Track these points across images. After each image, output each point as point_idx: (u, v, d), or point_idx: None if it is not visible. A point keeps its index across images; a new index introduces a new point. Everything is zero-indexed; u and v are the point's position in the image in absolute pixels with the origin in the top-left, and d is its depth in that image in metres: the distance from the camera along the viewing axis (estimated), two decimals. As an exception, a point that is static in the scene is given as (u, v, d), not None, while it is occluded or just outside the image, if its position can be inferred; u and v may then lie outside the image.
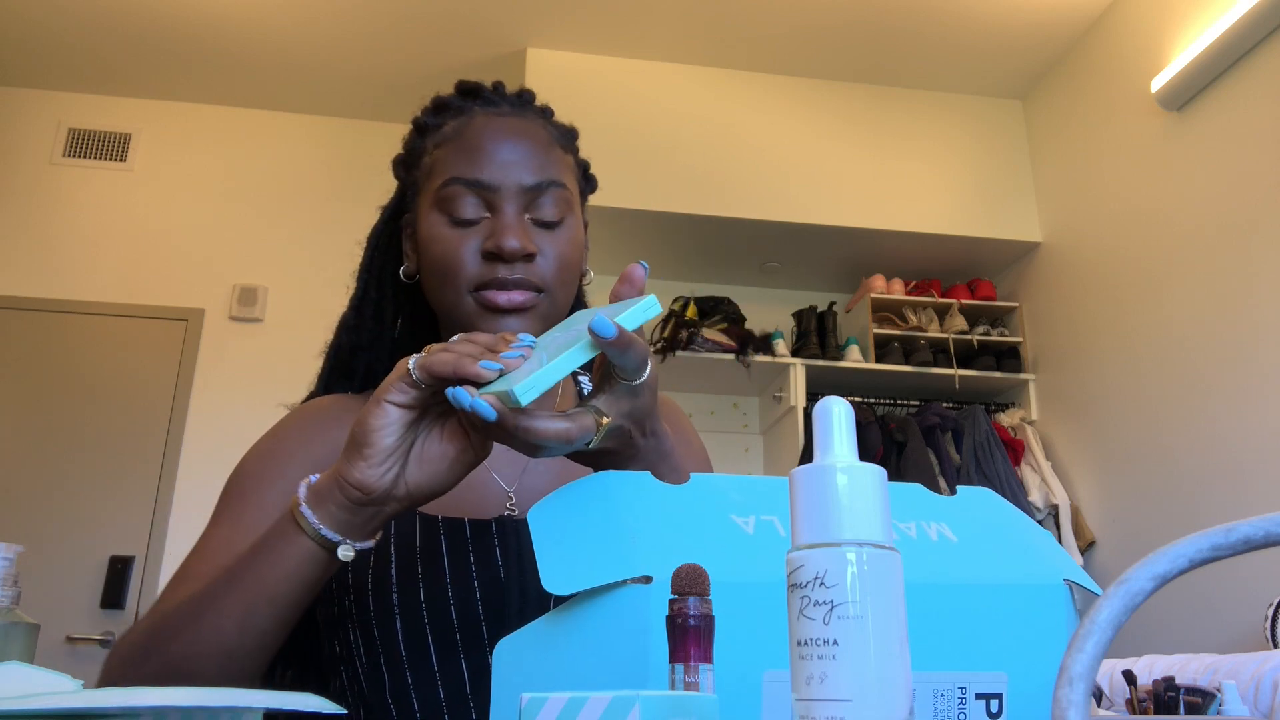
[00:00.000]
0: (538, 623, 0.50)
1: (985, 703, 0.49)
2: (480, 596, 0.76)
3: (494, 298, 0.79)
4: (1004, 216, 3.69)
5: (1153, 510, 2.99)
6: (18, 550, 0.68)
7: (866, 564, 0.36)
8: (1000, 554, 0.54)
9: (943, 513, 0.57)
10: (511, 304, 0.79)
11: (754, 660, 0.46)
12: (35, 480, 3.38)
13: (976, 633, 0.50)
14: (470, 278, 0.80)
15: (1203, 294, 2.85)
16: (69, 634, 3.22)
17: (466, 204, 0.81)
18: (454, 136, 0.84)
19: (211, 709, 0.35)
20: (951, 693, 0.49)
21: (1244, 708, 1.64)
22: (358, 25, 3.46)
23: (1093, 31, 3.45)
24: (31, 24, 3.46)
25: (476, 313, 0.80)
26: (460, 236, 0.81)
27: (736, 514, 0.53)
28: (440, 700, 0.75)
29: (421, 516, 0.79)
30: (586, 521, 0.52)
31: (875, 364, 3.56)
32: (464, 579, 0.77)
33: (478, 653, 0.75)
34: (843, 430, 0.39)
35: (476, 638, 0.76)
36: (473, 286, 0.80)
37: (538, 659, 0.50)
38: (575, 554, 0.50)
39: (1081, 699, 0.30)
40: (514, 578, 0.77)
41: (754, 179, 3.53)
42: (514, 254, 0.79)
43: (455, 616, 0.75)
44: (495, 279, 0.79)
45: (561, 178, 0.84)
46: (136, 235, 3.72)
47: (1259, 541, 0.31)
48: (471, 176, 0.81)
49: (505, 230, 0.79)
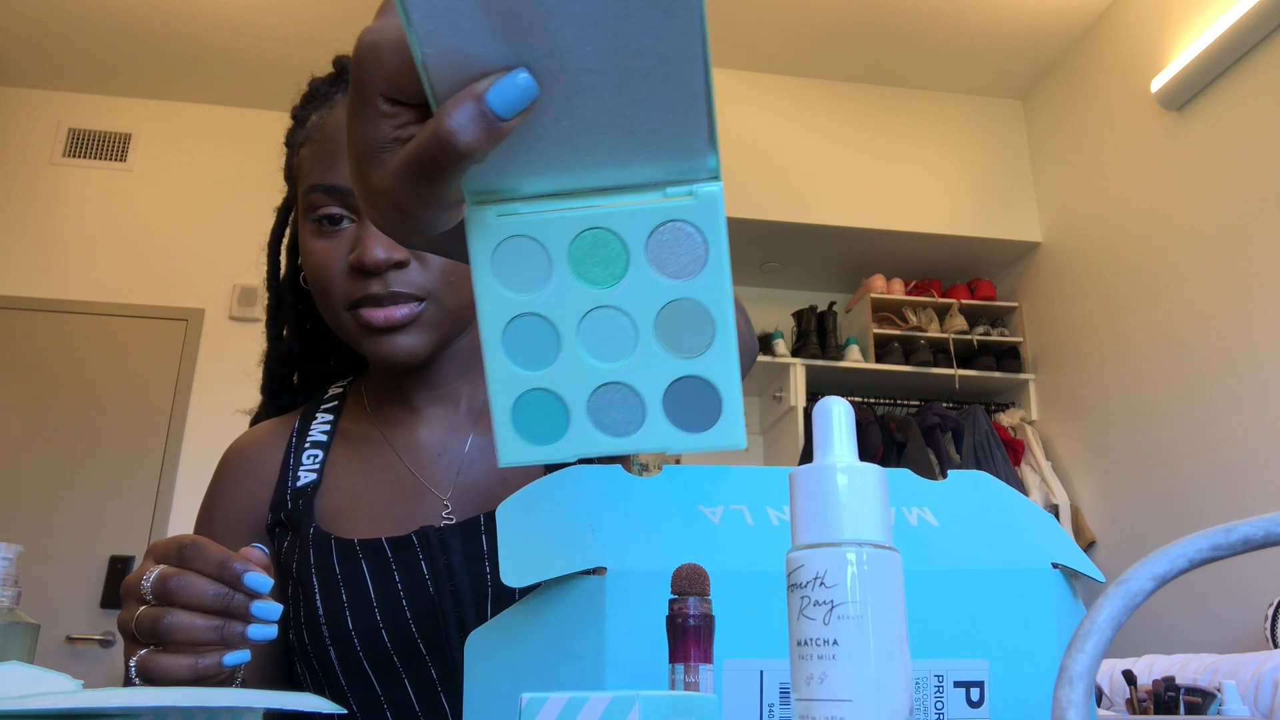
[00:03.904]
0: (503, 615, 0.50)
1: (965, 690, 0.48)
2: (411, 615, 0.73)
3: (371, 316, 0.73)
4: (1004, 216, 3.70)
5: (1153, 510, 2.99)
6: (18, 550, 0.68)
7: (866, 564, 0.36)
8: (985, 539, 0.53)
9: (927, 498, 0.56)
10: (391, 321, 0.73)
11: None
12: (35, 480, 3.38)
13: (955, 620, 0.49)
14: (343, 294, 0.74)
15: (1203, 294, 2.85)
16: (69, 634, 3.22)
17: (329, 211, 0.75)
18: (315, 134, 0.78)
19: (211, 709, 0.35)
20: (927, 681, 0.48)
21: (1244, 708, 1.64)
22: (357, 25, 3.43)
23: (1093, 31, 3.45)
24: (31, 24, 3.46)
25: (357, 332, 0.75)
26: (329, 249, 0.75)
27: (704, 504, 0.52)
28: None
29: (338, 541, 0.75)
30: (551, 515, 0.52)
31: (875, 364, 3.56)
32: (391, 599, 0.73)
33: (420, 669, 0.73)
34: (843, 430, 0.39)
35: (415, 655, 0.73)
36: (348, 304, 0.74)
37: (504, 652, 0.50)
38: (535, 547, 0.50)
39: (1081, 699, 0.30)
40: (444, 588, 0.73)
41: (754, 179, 3.53)
42: (379, 266, 0.72)
43: (389, 640, 0.72)
44: (368, 295, 0.73)
45: None
46: (136, 235, 3.72)
47: (1259, 541, 0.31)
48: (329, 182, 0.74)
49: (366, 239, 0.72)
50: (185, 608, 0.53)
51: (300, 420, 0.84)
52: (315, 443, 0.82)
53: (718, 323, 0.39)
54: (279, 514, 0.79)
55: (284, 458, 0.81)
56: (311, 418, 0.84)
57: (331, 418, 0.84)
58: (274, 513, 0.80)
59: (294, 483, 0.80)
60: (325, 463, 0.81)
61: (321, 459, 0.81)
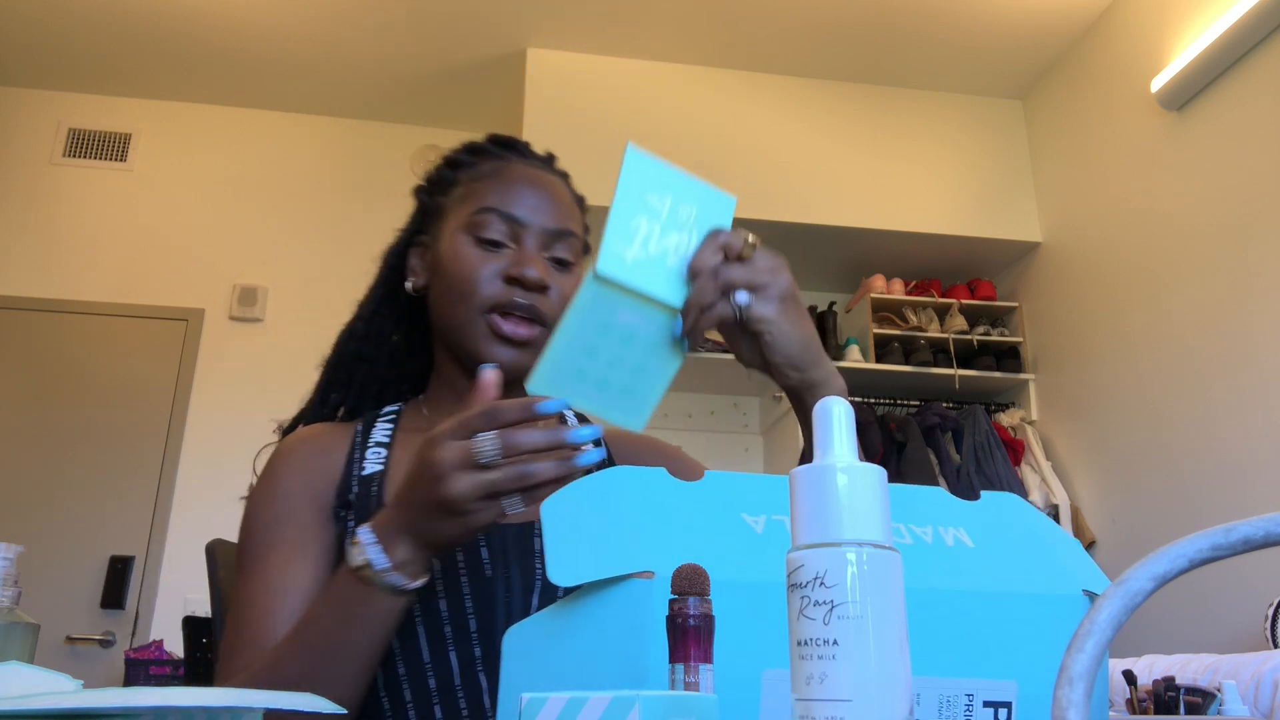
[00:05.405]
0: (545, 613, 0.51)
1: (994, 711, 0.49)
2: (468, 591, 0.80)
3: (501, 326, 0.86)
4: (1004, 216, 3.69)
5: (1153, 510, 2.99)
6: (18, 550, 0.68)
7: (866, 564, 0.36)
8: (1018, 562, 0.54)
9: (962, 518, 0.57)
10: (516, 337, 0.86)
11: (755, 660, 0.46)
12: (35, 480, 3.38)
13: (988, 640, 0.50)
14: (486, 297, 0.87)
15: (1203, 294, 2.85)
16: (69, 634, 3.22)
17: (495, 231, 0.89)
18: (491, 174, 0.93)
19: (211, 709, 0.35)
20: (958, 699, 0.49)
21: (1244, 708, 1.64)
22: (357, 25, 3.46)
23: (1093, 31, 3.45)
24: (31, 24, 3.46)
25: (483, 335, 0.87)
26: (483, 258, 0.88)
27: (748, 513, 0.53)
28: (431, 690, 0.78)
29: None
30: (597, 516, 0.53)
31: (875, 364, 3.55)
32: (452, 576, 0.81)
33: (465, 645, 0.79)
34: (843, 430, 0.39)
35: (465, 631, 0.79)
36: (487, 307, 0.86)
37: (544, 649, 0.50)
38: (582, 547, 0.50)
39: (1081, 699, 0.30)
40: (499, 572, 0.82)
41: (754, 179, 3.53)
42: (535, 283, 0.86)
43: (445, 611, 0.79)
44: (510, 302, 0.86)
45: (577, 230, 0.94)
46: (136, 235, 3.72)
47: (1259, 541, 0.31)
48: (506, 209, 0.89)
49: (530, 260, 0.87)
50: (532, 453, 0.65)
51: (362, 425, 0.93)
52: (378, 442, 0.91)
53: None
54: (346, 497, 0.86)
55: (349, 451, 0.90)
56: (372, 425, 0.93)
57: (391, 426, 0.93)
58: (339, 497, 0.86)
59: (360, 471, 0.87)
60: (389, 459, 0.88)
61: (386, 455, 0.89)
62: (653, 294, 0.69)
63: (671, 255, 0.70)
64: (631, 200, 0.69)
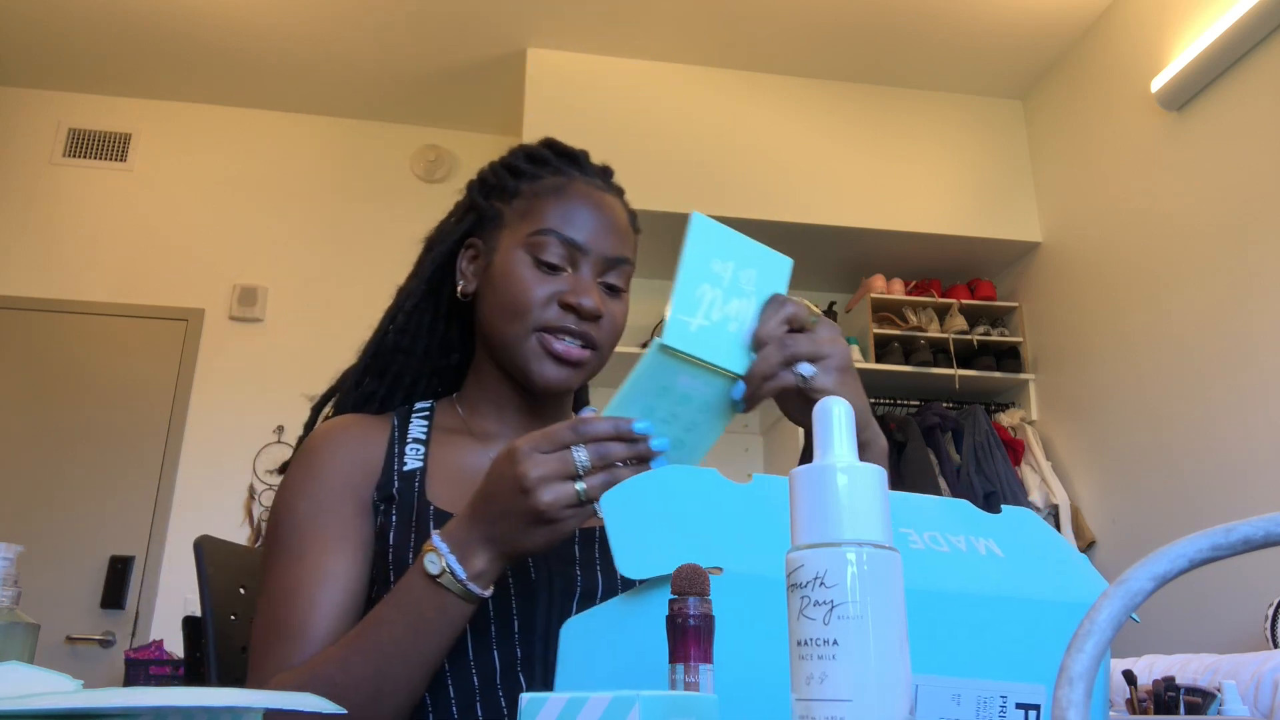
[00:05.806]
0: (607, 605, 0.52)
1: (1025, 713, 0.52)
2: (514, 591, 0.82)
3: (553, 344, 0.87)
4: (1004, 216, 3.69)
5: (1153, 510, 2.99)
6: (18, 550, 0.68)
7: (866, 564, 0.36)
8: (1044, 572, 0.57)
9: (990, 529, 0.60)
10: (569, 356, 0.88)
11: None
12: (35, 480, 3.38)
13: (1020, 645, 0.53)
14: (539, 318, 0.88)
15: (1203, 294, 2.85)
16: (69, 634, 3.22)
17: (554, 254, 0.89)
18: (555, 192, 0.92)
19: (211, 709, 0.35)
20: (994, 700, 0.51)
21: (1244, 708, 1.64)
22: (357, 25, 3.46)
23: (1093, 31, 3.45)
24: (31, 24, 3.46)
25: (534, 352, 0.88)
26: (541, 280, 0.89)
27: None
28: (475, 688, 0.80)
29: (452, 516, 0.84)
30: (658, 511, 0.55)
31: (875, 364, 3.55)
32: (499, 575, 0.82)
33: (508, 645, 0.81)
34: (842, 430, 0.39)
35: (508, 631, 0.81)
36: (539, 326, 0.88)
37: (605, 642, 0.51)
38: (649, 541, 0.52)
39: (1081, 699, 0.30)
40: (543, 574, 0.83)
41: (754, 179, 3.53)
42: (591, 313, 0.88)
43: (491, 609, 0.81)
44: (564, 327, 0.88)
45: (631, 257, 0.95)
46: (136, 235, 3.72)
47: (1259, 541, 0.31)
48: (567, 234, 0.89)
49: (587, 289, 0.88)
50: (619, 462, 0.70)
51: (398, 419, 0.94)
52: (416, 439, 0.92)
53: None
54: (388, 491, 0.87)
55: (388, 446, 0.91)
56: (407, 420, 0.94)
57: (426, 424, 0.94)
58: (380, 490, 0.88)
59: (401, 466, 0.89)
60: (427, 456, 0.90)
61: (424, 453, 0.91)
62: (717, 363, 0.71)
63: (734, 322, 0.72)
64: (697, 268, 0.70)
